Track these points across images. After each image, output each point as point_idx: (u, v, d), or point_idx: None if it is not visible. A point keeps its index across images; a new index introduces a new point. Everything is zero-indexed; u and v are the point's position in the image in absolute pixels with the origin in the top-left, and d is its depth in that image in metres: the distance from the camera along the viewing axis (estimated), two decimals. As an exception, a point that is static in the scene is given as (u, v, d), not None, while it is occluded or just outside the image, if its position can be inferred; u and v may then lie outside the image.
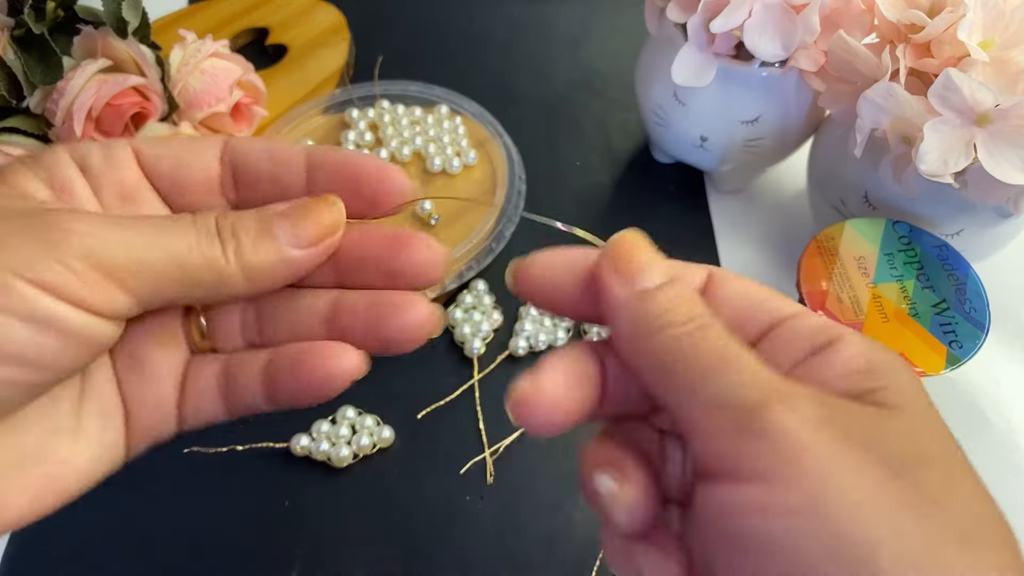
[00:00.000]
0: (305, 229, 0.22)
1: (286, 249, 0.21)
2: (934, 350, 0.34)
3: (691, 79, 0.40)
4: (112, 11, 0.44)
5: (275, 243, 0.21)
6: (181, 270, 0.20)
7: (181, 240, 0.20)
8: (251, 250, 0.21)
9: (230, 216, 0.21)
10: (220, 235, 0.21)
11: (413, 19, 0.63)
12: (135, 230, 0.20)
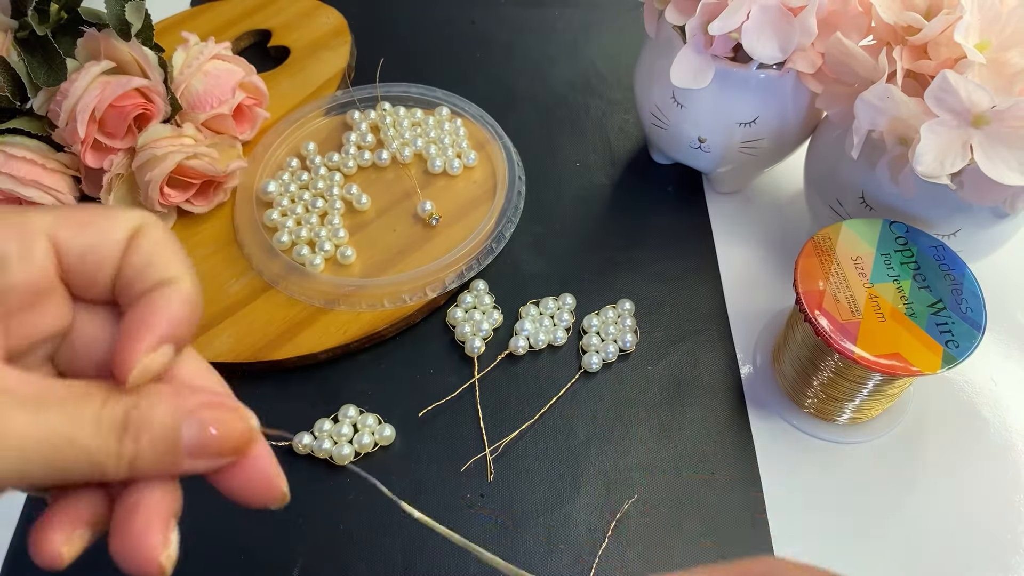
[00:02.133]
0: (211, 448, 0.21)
1: (183, 462, 0.20)
2: (931, 350, 0.34)
3: (689, 81, 0.41)
4: (115, 13, 0.44)
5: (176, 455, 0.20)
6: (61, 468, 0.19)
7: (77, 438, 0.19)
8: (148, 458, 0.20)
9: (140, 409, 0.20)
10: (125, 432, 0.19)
11: (414, 21, 0.63)
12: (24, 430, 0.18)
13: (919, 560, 0.38)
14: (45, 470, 0.18)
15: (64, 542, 0.20)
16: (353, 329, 0.44)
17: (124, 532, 0.20)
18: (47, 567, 0.20)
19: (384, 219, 0.49)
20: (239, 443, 0.21)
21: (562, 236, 0.50)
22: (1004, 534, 0.38)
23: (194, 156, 0.46)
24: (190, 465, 0.21)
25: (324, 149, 0.52)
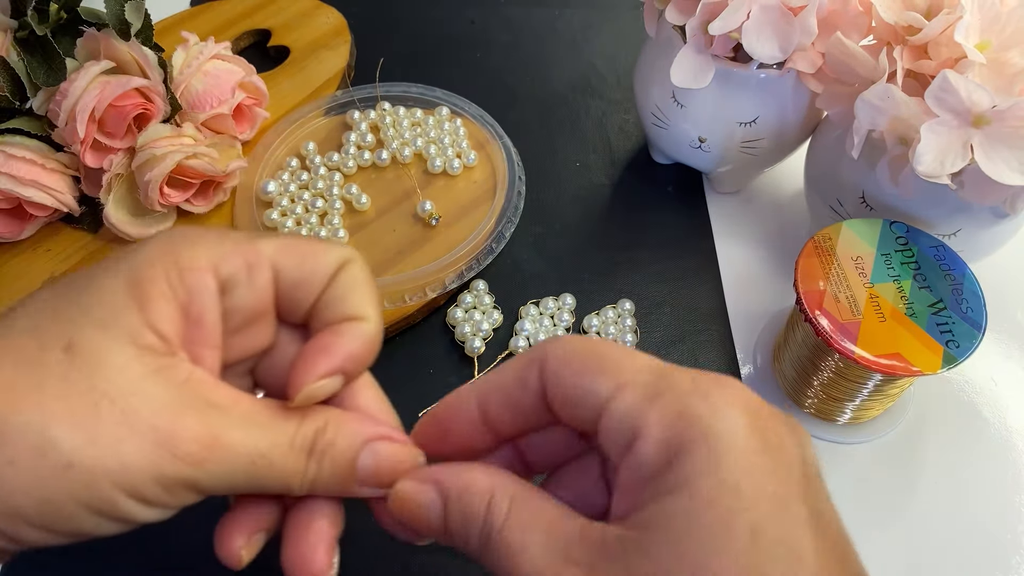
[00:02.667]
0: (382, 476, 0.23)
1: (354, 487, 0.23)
2: (931, 350, 0.34)
3: (689, 81, 0.41)
4: (115, 13, 0.44)
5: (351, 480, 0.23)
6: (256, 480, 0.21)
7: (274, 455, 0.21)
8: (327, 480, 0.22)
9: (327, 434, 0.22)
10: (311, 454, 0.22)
11: (414, 21, 0.63)
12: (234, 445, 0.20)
13: (919, 560, 0.38)
14: (244, 482, 0.21)
15: (244, 545, 0.23)
16: (353, 329, 0.44)
17: (297, 545, 0.23)
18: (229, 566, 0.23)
19: (384, 219, 0.49)
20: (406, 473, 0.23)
21: (562, 236, 0.50)
22: (1004, 534, 0.38)
23: (194, 156, 0.46)
24: (358, 491, 0.23)
25: (324, 149, 0.52)
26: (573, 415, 0.22)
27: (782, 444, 0.20)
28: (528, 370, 0.22)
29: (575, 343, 0.22)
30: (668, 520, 0.19)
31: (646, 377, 0.21)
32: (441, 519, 0.22)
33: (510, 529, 0.21)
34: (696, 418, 0.19)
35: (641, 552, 0.19)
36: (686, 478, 0.19)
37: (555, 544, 0.20)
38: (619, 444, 0.21)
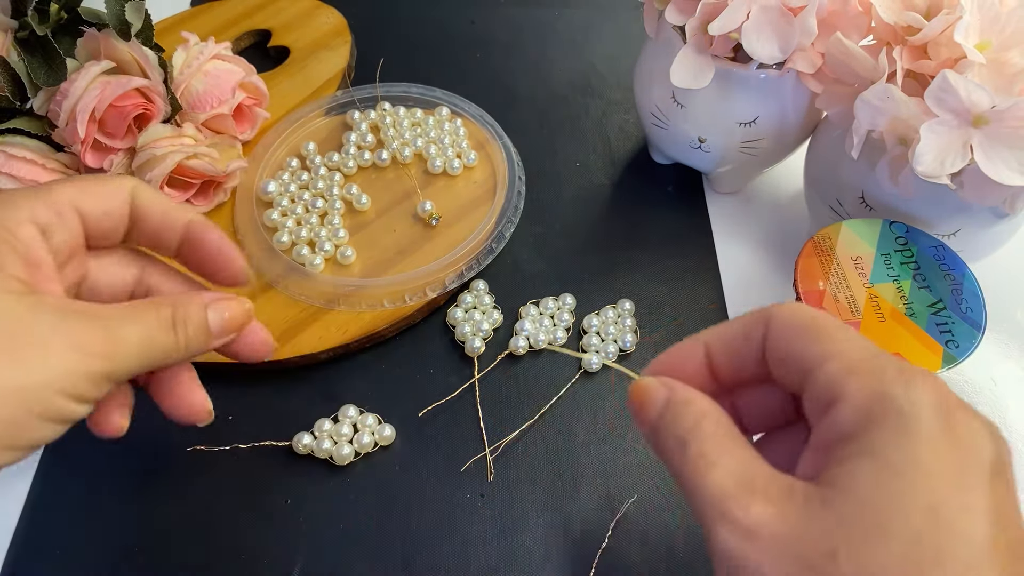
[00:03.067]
0: (228, 326, 0.30)
1: (214, 340, 0.29)
2: (931, 350, 0.34)
3: (689, 81, 0.41)
4: (115, 13, 0.44)
5: (209, 335, 0.29)
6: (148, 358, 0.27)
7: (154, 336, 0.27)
8: (194, 339, 0.28)
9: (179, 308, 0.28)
10: (175, 327, 0.28)
11: (414, 21, 0.63)
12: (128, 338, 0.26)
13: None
14: (140, 364, 0.27)
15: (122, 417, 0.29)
16: (353, 329, 0.44)
17: (174, 395, 0.30)
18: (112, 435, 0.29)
19: (384, 219, 0.49)
20: (244, 320, 0.30)
21: (562, 236, 0.50)
22: (1004, 534, 0.38)
23: (194, 156, 0.46)
24: (217, 342, 0.30)
25: (324, 149, 0.52)
26: (785, 374, 0.24)
27: (973, 441, 0.21)
28: (754, 326, 0.25)
29: (802, 310, 0.24)
30: (854, 481, 0.20)
31: (856, 353, 0.22)
32: (659, 414, 0.25)
33: (710, 444, 0.23)
34: (894, 396, 0.21)
35: (825, 504, 0.20)
36: (877, 446, 0.20)
37: (745, 472, 0.22)
38: (819, 406, 0.23)
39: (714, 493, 0.22)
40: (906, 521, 0.19)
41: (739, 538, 0.21)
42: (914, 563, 0.19)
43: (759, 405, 0.27)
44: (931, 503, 0.20)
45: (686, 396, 0.25)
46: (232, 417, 0.42)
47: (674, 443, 0.24)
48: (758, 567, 0.20)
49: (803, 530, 0.20)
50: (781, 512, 0.21)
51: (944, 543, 0.19)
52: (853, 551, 0.19)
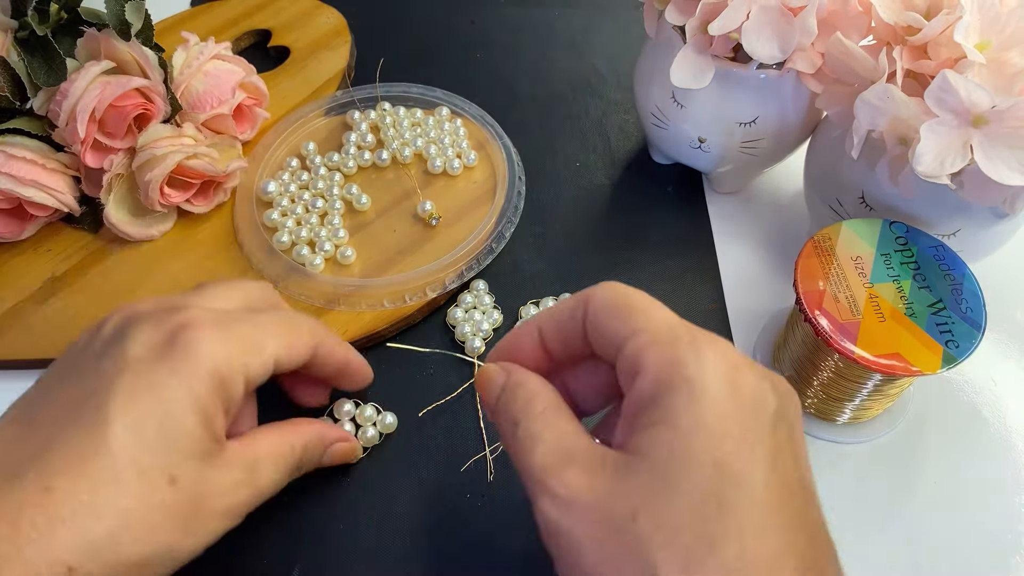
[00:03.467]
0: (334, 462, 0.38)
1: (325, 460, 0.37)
2: (931, 350, 0.34)
3: (689, 81, 0.41)
4: (115, 13, 0.44)
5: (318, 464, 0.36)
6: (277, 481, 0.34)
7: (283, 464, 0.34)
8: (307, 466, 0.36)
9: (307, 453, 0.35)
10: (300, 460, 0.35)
11: (414, 21, 0.63)
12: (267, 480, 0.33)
13: (919, 560, 0.38)
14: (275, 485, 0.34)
15: None
16: (353, 329, 0.44)
17: None
18: None
19: (384, 219, 0.49)
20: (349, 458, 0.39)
21: (562, 236, 0.50)
22: (1004, 534, 0.38)
23: (194, 156, 0.46)
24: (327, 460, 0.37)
25: (324, 149, 0.52)
26: (603, 350, 0.27)
27: (756, 397, 0.24)
28: (577, 307, 0.27)
29: (615, 291, 0.27)
30: (652, 447, 0.23)
31: (657, 327, 0.25)
32: (496, 397, 0.28)
33: (537, 423, 0.26)
34: (683, 363, 0.23)
35: (627, 471, 0.23)
36: (670, 412, 0.23)
37: (564, 446, 0.25)
38: (627, 378, 0.25)
39: (537, 468, 0.24)
40: (694, 479, 0.22)
41: (557, 508, 0.23)
42: (701, 515, 0.21)
43: (589, 384, 0.29)
44: (716, 459, 0.22)
45: (519, 379, 0.27)
46: (232, 417, 0.42)
47: (508, 424, 0.27)
48: (571, 532, 0.23)
49: (609, 496, 0.23)
50: (591, 482, 0.23)
51: (727, 493, 0.22)
52: (650, 511, 0.22)
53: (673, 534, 0.21)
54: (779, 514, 0.22)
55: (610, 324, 0.26)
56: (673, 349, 0.24)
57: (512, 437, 0.26)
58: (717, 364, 0.23)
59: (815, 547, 0.23)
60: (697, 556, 0.21)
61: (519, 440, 0.26)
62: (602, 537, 0.22)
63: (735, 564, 0.21)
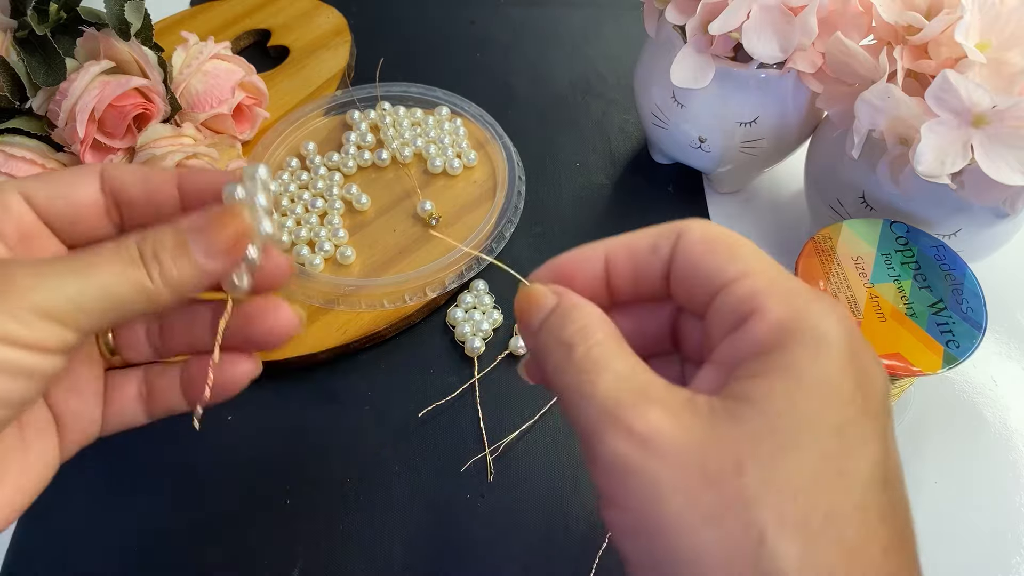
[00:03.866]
0: (215, 241, 0.23)
1: (202, 262, 0.23)
2: (931, 350, 0.34)
3: (689, 81, 0.41)
4: (115, 13, 0.44)
5: (192, 258, 0.23)
6: (114, 299, 0.22)
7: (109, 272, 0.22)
8: (172, 268, 0.23)
9: (148, 238, 0.23)
10: (143, 259, 0.23)
11: (414, 21, 0.63)
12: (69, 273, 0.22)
13: (920, 561, 0.38)
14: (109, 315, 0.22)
15: None
16: (352, 329, 0.44)
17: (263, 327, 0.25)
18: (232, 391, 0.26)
19: (384, 219, 0.49)
20: (239, 232, 0.24)
21: (562, 236, 0.50)
22: (1005, 534, 0.38)
23: (193, 156, 0.46)
24: (210, 267, 0.23)
25: (324, 149, 0.52)
26: (690, 289, 0.23)
27: (874, 372, 0.21)
28: (664, 237, 0.24)
29: (715, 228, 0.23)
30: (768, 395, 0.20)
31: (772, 273, 0.22)
32: (545, 318, 0.23)
33: (599, 349, 0.21)
34: (811, 314, 0.20)
35: (733, 417, 0.19)
36: (793, 362, 0.20)
37: (639, 379, 0.21)
38: (729, 321, 0.22)
39: (605, 398, 0.20)
40: (816, 439, 0.19)
41: (633, 446, 0.19)
42: (819, 481, 0.19)
43: (638, 331, 0.25)
44: (839, 424, 0.19)
45: (575, 300, 0.23)
46: (231, 418, 0.42)
47: (558, 347, 0.22)
48: (654, 478, 0.19)
49: (707, 442, 0.19)
50: (682, 422, 0.20)
51: (848, 464, 0.19)
52: (761, 464, 0.19)
53: (786, 496, 0.18)
54: (894, 495, 0.20)
55: (712, 261, 0.22)
56: (796, 299, 0.21)
57: (566, 362, 0.22)
58: (843, 327, 0.21)
59: (911, 541, 0.21)
60: (812, 526, 0.18)
61: (576, 362, 0.21)
62: (693, 487, 0.19)
63: (853, 543, 0.19)
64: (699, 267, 0.23)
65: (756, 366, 0.20)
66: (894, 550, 0.19)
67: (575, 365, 0.21)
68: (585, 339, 0.22)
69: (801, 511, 0.18)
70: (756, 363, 0.20)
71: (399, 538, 0.38)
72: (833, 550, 0.18)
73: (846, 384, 0.20)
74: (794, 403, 0.19)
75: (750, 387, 0.20)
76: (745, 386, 0.20)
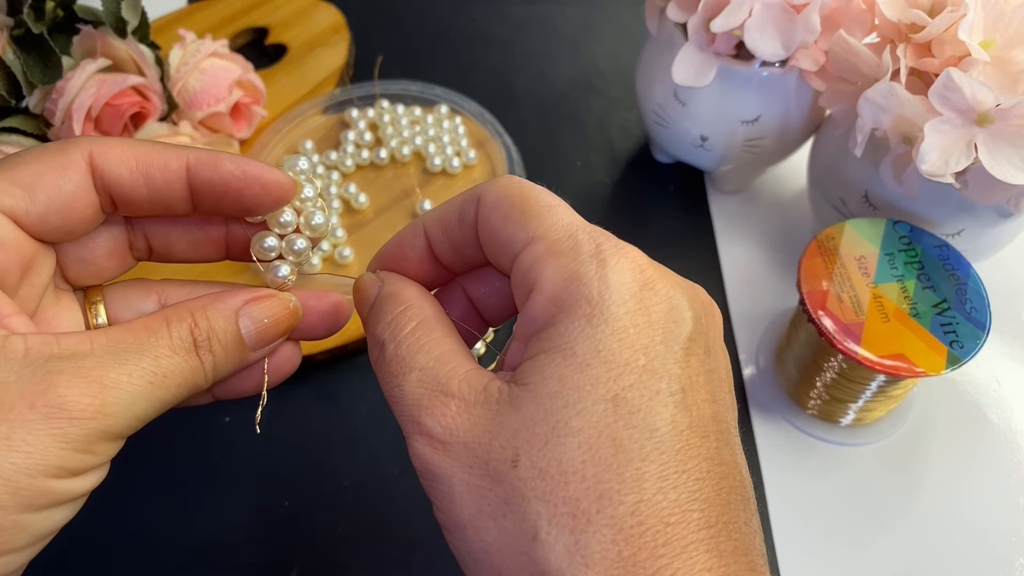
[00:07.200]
0: (269, 333, 0.23)
1: (250, 355, 0.23)
2: (935, 350, 0.34)
3: (691, 79, 0.40)
4: (111, 11, 0.44)
5: (244, 351, 0.23)
6: (163, 400, 0.21)
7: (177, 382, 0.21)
8: (225, 361, 0.22)
9: (201, 323, 0.22)
10: (198, 350, 0.22)
11: (413, 18, 0.63)
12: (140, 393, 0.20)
13: (923, 562, 0.37)
14: (153, 405, 0.21)
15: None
16: (351, 330, 0.43)
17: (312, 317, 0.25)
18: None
19: (383, 218, 0.49)
20: (290, 322, 0.24)
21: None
22: (1009, 536, 0.38)
23: (191, 155, 0.45)
24: (256, 355, 0.23)
25: (322, 147, 0.52)
26: (496, 258, 0.23)
27: (668, 318, 0.20)
28: (466, 206, 0.23)
29: (509, 187, 0.22)
30: (542, 377, 0.19)
31: (557, 234, 0.21)
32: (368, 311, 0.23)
33: (407, 344, 0.21)
34: (586, 281, 0.20)
35: (514, 405, 0.19)
36: (565, 338, 0.19)
37: (440, 374, 0.21)
38: (520, 295, 0.21)
39: (409, 402, 0.21)
40: (587, 417, 0.19)
41: (432, 449, 0.20)
42: (593, 461, 0.18)
43: (493, 292, 0.25)
44: (615, 394, 0.19)
45: (392, 289, 0.23)
46: (228, 419, 0.42)
47: (374, 345, 0.22)
48: (446, 478, 0.19)
49: (491, 435, 0.19)
50: (472, 417, 0.20)
51: (624, 435, 0.18)
52: (533, 455, 0.19)
53: (558, 483, 0.18)
54: (685, 459, 0.19)
55: (504, 228, 0.22)
56: (574, 261, 0.20)
57: (380, 360, 0.22)
58: (624, 281, 0.20)
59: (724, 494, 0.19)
60: (585, 511, 0.18)
61: (387, 365, 0.21)
62: (479, 485, 0.19)
63: (630, 521, 0.18)
64: (496, 236, 0.22)
65: (537, 345, 0.20)
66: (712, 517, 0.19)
67: (387, 366, 0.22)
68: (394, 335, 0.22)
69: (572, 497, 0.18)
70: (537, 342, 0.20)
71: (399, 538, 0.38)
72: (607, 532, 0.18)
73: (624, 351, 0.19)
74: (563, 381, 0.19)
75: (529, 369, 0.20)
76: (527, 368, 0.20)
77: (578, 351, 0.19)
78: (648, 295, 0.20)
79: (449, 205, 0.24)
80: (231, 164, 0.23)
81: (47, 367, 0.19)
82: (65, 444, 0.19)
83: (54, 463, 0.18)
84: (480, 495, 0.19)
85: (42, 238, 0.22)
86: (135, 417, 0.20)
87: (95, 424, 0.19)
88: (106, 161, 0.22)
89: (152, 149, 0.22)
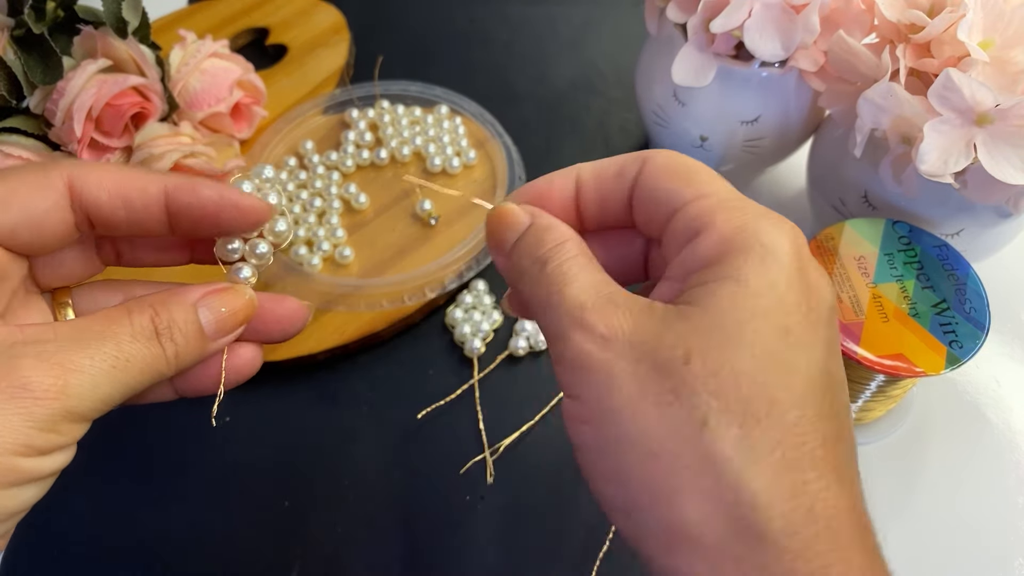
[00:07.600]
0: (227, 323, 0.25)
1: (211, 345, 0.24)
2: (934, 350, 0.34)
3: (691, 79, 0.40)
4: (112, 11, 0.44)
5: (204, 340, 0.24)
6: (128, 383, 0.22)
7: (139, 366, 0.22)
8: (187, 349, 0.23)
9: (162, 313, 0.23)
10: (159, 337, 0.23)
11: (413, 19, 0.63)
12: (102, 375, 0.21)
13: (923, 562, 0.37)
14: (120, 391, 0.22)
15: None
16: (351, 330, 0.43)
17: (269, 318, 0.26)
18: None
19: (383, 218, 0.49)
20: (246, 312, 0.25)
21: (562, 235, 0.49)
22: (1008, 536, 0.38)
23: (191, 155, 0.45)
24: (217, 345, 0.25)
25: (322, 148, 0.52)
26: (650, 213, 0.24)
27: (820, 285, 0.22)
28: (631, 164, 0.25)
29: (677, 157, 0.24)
30: (713, 297, 0.21)
31: (724, 195, 0.23)
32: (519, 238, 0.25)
33: (570, 264, 0.23)
34: (757, 231, 0.22)
35: (682, 316, 0.21)
36: (739, 270, 0.21)
37: (603, 289, 0.22)
38: (682, 239, 0.23)
39: (572, 304, 0.22)
40: (761, 336, 0.20)
41: (595, 344, 0.21)
42: (763, 372, 0.20)
43: (610, 260, 0.27)
44: (785, 325, 0.20)
45: (549, 222, 0.25)
46: (229, 419, 0.42)
47: (531, 263, 0.24)
48: (611, 369, 0.21)
49: (658, 337, 0.21)
50: (637, 322, 0.21)
51: (794, 359, 0.20)
52: (707, 355, 0.20)
53: (731, 384, 0.20)
54: (827, 404, 0.21)
55: (671, 184, 0.23)
56: (745, 215, 0.22)
57: (539, 275, 0.23)
58: (791, 241, 0.22)
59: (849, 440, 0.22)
60: (755, 412, 0.19)
61: (547, 275, 0.23)
62: (645, 375, 0.20)
63: (794, 431, 0.20)
64: (658, 191, 0.24)
65: (705, 275, 0.21)
66: (832, 442, 0.20)
67: (547, 277, 0.23)
68: (557, 255, 0.23)
69: (745, 396, 0.20)
70: (705, 273, 0.21)
71: (399, 539, 0.38)
72: (775, 431, 0.19)
73: (791, 294, 0.21)
74: (738, 305, 0.20)
75: (698, 292, 0.21)
76: (694, 293, 0.21)
77: (752, 283, 0.21)
78: (804, 260, 0.22)
79: (608, 161, 0.25)
80: (209, 191, 0.24)
81: (11, 352, 0.20)
82: (31, 423, 0.20)
83: (21, 441, 0.20)
84: (644, 384, 0.20)
85: (13, 250, 0.23)
86: (100, 400, 0.21)
87: (59, 404, 0.20)
88: (84, 184, 0.23)
89: (131, 174, 0.24)
